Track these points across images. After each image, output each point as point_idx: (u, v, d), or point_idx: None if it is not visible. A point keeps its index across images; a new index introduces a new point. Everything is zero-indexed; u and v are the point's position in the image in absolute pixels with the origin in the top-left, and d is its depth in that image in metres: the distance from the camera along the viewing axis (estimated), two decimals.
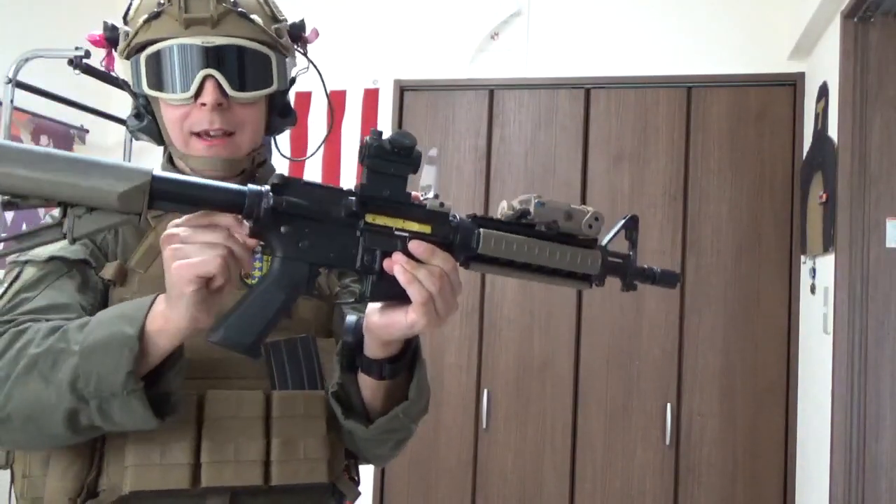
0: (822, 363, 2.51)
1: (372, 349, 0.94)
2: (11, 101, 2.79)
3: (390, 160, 0.85)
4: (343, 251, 0.85)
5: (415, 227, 0.86)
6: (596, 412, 3.05)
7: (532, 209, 0.89)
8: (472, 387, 3.15)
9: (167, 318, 0.84)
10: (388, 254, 0.85)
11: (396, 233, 0.86)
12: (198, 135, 1.04)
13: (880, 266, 2.30)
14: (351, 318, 0.97)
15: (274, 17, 1.10)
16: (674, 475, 2.98)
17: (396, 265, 0.84)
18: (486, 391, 3.13)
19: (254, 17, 1.05)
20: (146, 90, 1.04)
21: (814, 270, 2.72)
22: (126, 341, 0.83)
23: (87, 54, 2.77)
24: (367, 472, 3.16)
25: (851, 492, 2.27)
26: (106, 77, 2.98)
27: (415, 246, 0.85)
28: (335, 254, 0.85)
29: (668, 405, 2.98)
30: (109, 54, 1.13)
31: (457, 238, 0.88)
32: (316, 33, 1.18)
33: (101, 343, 0.84)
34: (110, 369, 0.83)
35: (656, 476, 2.99)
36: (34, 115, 3.06)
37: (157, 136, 1.10)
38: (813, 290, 2.72)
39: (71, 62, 2.76)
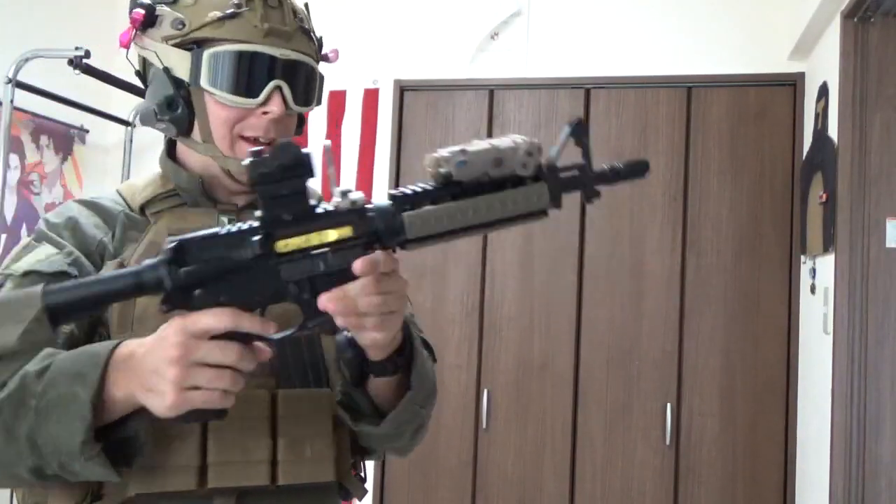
0: (822, 363, 2.50)
1: (373, 354, 0.93)
2: (11, 101, 2.80)
3: (279, 180, 0.78)
4: (269, 290, 0.80)
5: (334, 234, 0.80)
6: (596, 412, 3.05)
7: (454, 171, 0.80)
8: (472, 387, 3.15)
9: (125, 392, 0.82)
10: (315, 278, 0.80)
11: (314, 252, 0.80)
12: (246, 139, 1.05)
13: (880, 266, 2.30)
14: (340, 336, 0.94)
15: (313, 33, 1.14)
16: (674, 475, 2.98)
17: (330, 309, 0.80)
18: (486, 391, 3.13)
19: (312, 35, 1.10)
20: (207, 87, 1.02)
21: (814, 270, 2.72)
22: (79, 409, 0.81)
23: (87, 54, 2.78)
24: (367, 472, 3.16)
25: (851, 492, 2.27)
26: (106, 77, 2.98)
27: (358, 266, 0.80)
28: (261, 296, 0.81)
29: (668, 405, 2.98)
30: (128, 33, 1.08)
31: (381, 229, 0.81)
32: (336, 55, 1.20)
33: (55, 405, 0.82)
34: (65, 436, 0.81)
35: (656, 476, 2.99)
36: (34, 115, 3.07)
37: (184, 127, 1.07)
38: (813, 290, 2.72)
39: (71, 62, 2.76)
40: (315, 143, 3.33)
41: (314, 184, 0.85)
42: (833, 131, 2.48)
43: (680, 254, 3.03)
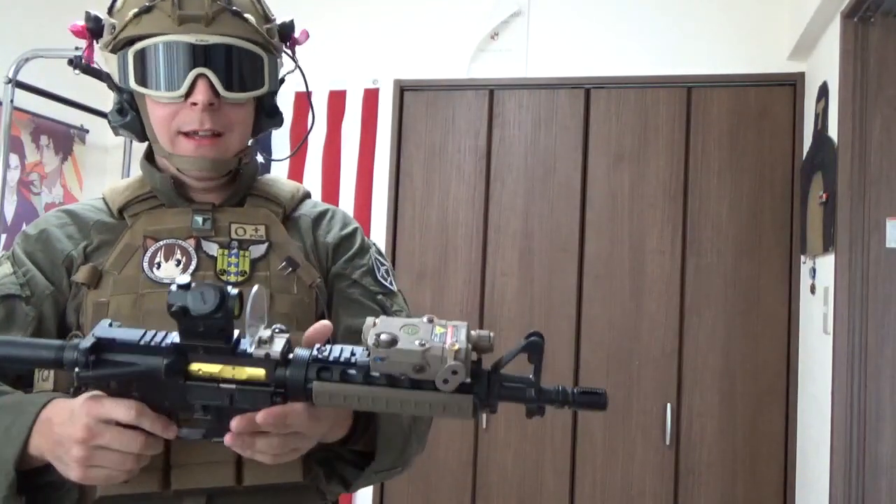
0: (822, 363, 2.50)
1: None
2: (11, 101, 2.80)
3: (197, 321, 0.77)
4: (178, 400, 0.81)
5: (246, 373, 0.79)
6: (596, 412, 3.04)
7: (371, 363, 0.75)
8: None
9: (39, 453, 0.86)
10: (219, 406, 0.81)
11: (222, 385, 0.79)
12: (186, 134, 1.03)
13: (880, 266, 2.30)
14: None
15: (266, 17, 1.08)
16: (674, 475, 2.98)
17: (227, 441, 0.81)
18: None
19: (247, 16, 1.03)
20: (134, 86, 1.02)
21: (814, 270, 2.72)
22: (3, 466, 0.85)
23: (83, 56, 2.77)
24: None
25: (851, 492, 2.26)
26: (106, 77, 2.98)
27: (236, 424, 0.79)
28: (171, 402, 0.82)
29: (668, 405, 2.98)
30: (90, 46, 1.10)
31: (290, 385, 0.79)
32: (306, 35, 1.16)
33: None
34: None
35: (656, 476, 2.99)
36: (34, 115, 3.07)
37: (140, 132, 1.08)
38: (813, 290, 2.72)
39: (71, 62, 2.75)
40: (314, 144, 3.33)
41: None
42: (833, 131, 2.48)
43: (680, 254, 3.03)
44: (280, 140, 3.26)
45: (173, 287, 0.77)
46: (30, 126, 3.07)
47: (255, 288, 0.79)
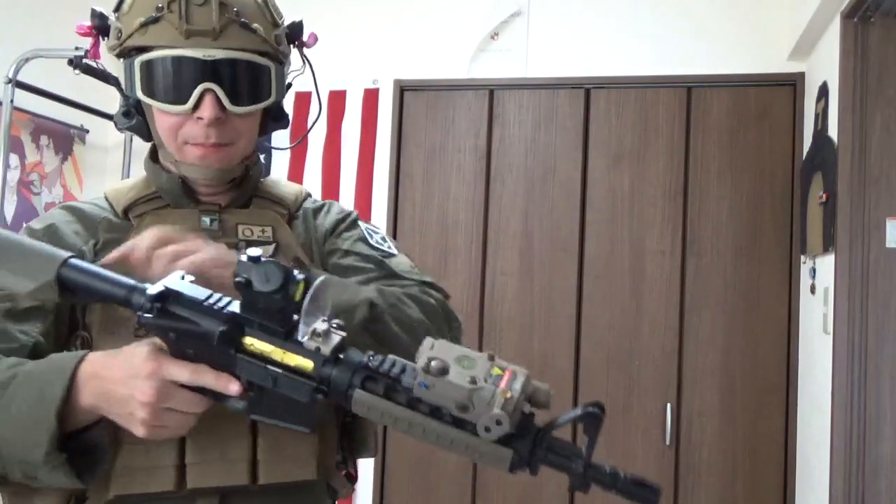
0: (822, 363, 2.50)
1: None
2: (11, 101, 2.80)
3: (258, 296, 0.78)
4: (226, 369, 0.82)
5: (294, 360, 0.79)
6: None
7: (415, 387, 0.72)
8: None
9: (90, 405, 0.84)
10: (262, 386, 0.81)
11: (269, 368, 0.80)
12: (192, 144, 1.03)
13: (880, 266, 2.30)
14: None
15: (274, 22, 1.07)
16: (674, 475, 2.98)
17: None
18: None
19: (256, 26, 1.02)
20: (141, 96, 1.02)
21: (814, 270, 2.72)
22: (44, 421, 0.83)
23: (87, 54, 2.77)
24: (367, 472, 3.16)
25: (851, 492, 2.26)
26: (106, 77, 2.98)
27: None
28: (220, 369, 0.82)
29: (668, 405, 2.98)
30: (96, 44, 1.10)
31: (333, 387, 0.78)
32: (314, 38, 1.16)
33: (21, 415, 0.84)
34: (29, 445, 0.83)
35: (656, 476, 2.99)
36: (34, 115, 3.06)
37: (146, 134, 1.09)
38: (813, 290, 2.72)
39: (71, 62, 2.76)
40: (314, 144, 3.33)
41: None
42: (833, 131, 2.48)
43: (680, 254, 3.03)
44: (281, 140, 3.25)
45: (243, 257, 0.78)
46: (30, 126, 3.07)
47: (322, 278, 0.80)
